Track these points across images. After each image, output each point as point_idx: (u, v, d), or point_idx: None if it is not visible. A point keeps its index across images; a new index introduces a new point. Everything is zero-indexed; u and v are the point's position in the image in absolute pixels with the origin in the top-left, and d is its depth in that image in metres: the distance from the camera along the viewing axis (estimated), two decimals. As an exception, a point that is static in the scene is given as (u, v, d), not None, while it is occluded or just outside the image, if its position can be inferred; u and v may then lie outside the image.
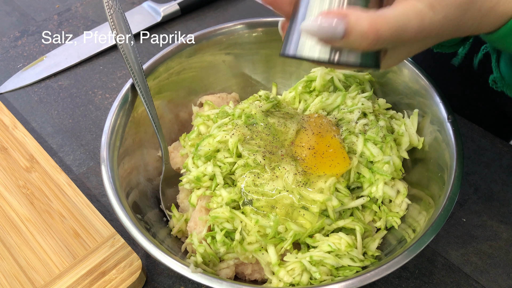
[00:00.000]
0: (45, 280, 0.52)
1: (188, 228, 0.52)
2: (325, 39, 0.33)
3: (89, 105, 0.74)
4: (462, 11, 0.34)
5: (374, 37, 0.32)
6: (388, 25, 0.32)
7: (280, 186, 0.48)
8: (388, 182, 0.52)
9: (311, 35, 0.34)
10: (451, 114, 0.51)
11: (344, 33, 0.32)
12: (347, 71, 0.60)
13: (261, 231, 0.48)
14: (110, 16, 0.52)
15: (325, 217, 0.49)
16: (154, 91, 0.58)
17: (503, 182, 0.60)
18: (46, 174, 0.62)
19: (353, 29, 0.32)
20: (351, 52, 0.35)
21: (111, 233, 0.56)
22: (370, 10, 0.34)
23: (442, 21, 0.33)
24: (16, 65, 0.81)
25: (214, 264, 0.49)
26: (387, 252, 0.49)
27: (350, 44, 0.33)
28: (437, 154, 0.51)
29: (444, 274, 0.53)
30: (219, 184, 0.52)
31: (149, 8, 0.88)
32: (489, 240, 0.55)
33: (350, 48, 0.34)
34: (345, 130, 0.53)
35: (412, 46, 0.38)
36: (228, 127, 0.55)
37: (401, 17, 0.32)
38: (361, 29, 0.32)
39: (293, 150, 0.52)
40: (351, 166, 0.51)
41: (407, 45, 0.37)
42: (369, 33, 0.32)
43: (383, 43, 0.33)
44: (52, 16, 0.91)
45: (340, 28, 0.32)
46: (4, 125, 0.69)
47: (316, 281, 0.46)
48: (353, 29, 0.32)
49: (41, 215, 0.58)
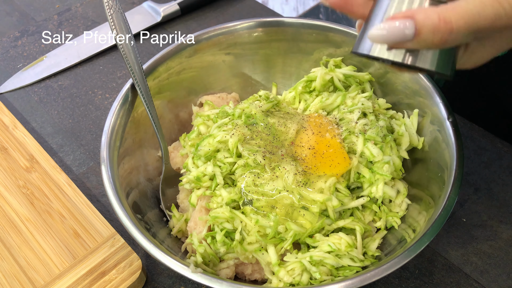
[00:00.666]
0: (45, 280, 0.52)
1: (188, 228, 0.52)
2: (396, 43, 0.32)
3: (89, 105, 0.74)
4: None
5: (446, 28, 0.30)
6: (460, 14, 0.30)
7: (280, 186, 0.48)
8: (388, 182, 0.52)
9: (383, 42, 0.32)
10: (451, 114, 0.51)
11: (414, 32, 0.31)
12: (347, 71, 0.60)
13: (261, 231, 0.48)
14: (110, 16, 0.52)
15: (325, 217, 0.49)
16: (154, 91, 0.58)
17: (503, 182, 0.60)
18: (46, 174, 0.62)
19: (423, 26, 0.30)
20: (426, 55, 0.33)
21: (111, 233, 0.56)
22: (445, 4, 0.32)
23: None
24: (16, 65, 0.81)
25: (214, 264, 0.49)
26: (387, 252, 0.49)
27: (423, 42, 0.31)
28: (437, 154, 0.51)
29: (444, 274, 0.53)
30: (219, 184, 0.52)
31: (149, 8, 0.88)
32: (489, 240, 0.55)
33: (424, 46, 0.32)
34: (345, 130, 0.53)
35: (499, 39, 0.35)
36: (228, 127, 0.55)
37: (474, 5, 0.30)
38: (431, 23, 0.30)
39: (293, 150, 0.52)
40: (351, 166, 0.51)
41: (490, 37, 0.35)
42: (441, 26, 0.30)
43: (457, 34, 0.31)
44: (52, 16, 0.91)
45: (410, 28, 0.31)
46: (4, 125, 0.69)
47: (316, 281, 0.46)
48: (423, 25, 0.30)
49: (41, 215, 0.58)
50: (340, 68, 0.61)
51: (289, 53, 0.65)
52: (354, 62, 0.61)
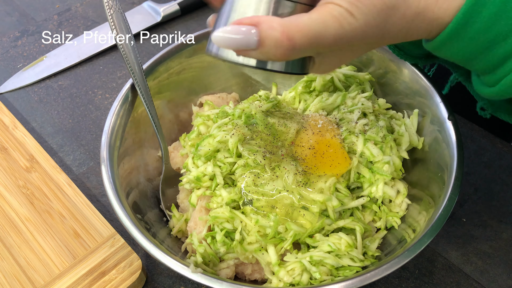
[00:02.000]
0: (45, 280, 0.52)
1: (188, 228, 0.52)
2: (239, 50, 0.31)
3: (89, 105, 0.74)
4: (383, 17, 0.32)
5: (288, 45, 0.30)
6: (303, 32, 0.30)
7: (280, 186, 0.48)
8: (388, 182, 0.52)
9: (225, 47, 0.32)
10: (451, 114, 0.51)
11: (257, 43, 0.30)
12: (347, 71, 0.60)
13: (261, 231, 0.48)
14: (110, 16, 0.52)
15: (325, 217, 0.49)
16: (154, 91, 0.58)
17: (503, 182, 0.60)
18: (46, 174, 0.62)
19: (265, 39, 0.30)
20: None
21: (111, 233, 0.56)
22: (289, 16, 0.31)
23: (364, 28, 0.31)
24: (16, 65, 0.81)
25: (214, 264, 0.49)
26: (387, 252, 0.49)
27: (265, 54, 0.31)
28: (437, 154, 0.51)
29: (444, 274, 0.53)
30: (219, 184, 0.52)
31: (149, 8, 0.88)
32: (489, 240, 0.55)
33: (267, 58, 0.32)
34: (345, 130, 0.53)
35: (341, 53, 0.36)
36: (228, 127, 0.55)
37: (317, 23, 0.30)
38: (273, 38, 0.30)
39: (293, 150, 0.52)
40: (351, 166, 0.51)
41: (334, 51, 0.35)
42: (283, 41, 0.30)
43: (300, 51, 0.31)
44: (52, 16, 0.91)
45: (253, 39, 0.30)
46: (4, 125, 0.69)
47: (316, 281, 0.46)
48: (266, 38, 0.30)
49: (41, 215, 0.58)
50: (340, 68, 0.61)
51: (289, 53, 0.65)
52: (354, 62, 0.61)
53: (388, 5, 0.31)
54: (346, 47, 0.34)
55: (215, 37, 0.31)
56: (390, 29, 0.33)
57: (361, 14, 0.31)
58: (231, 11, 0.34)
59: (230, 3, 0.34)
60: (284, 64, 0.34)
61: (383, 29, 0.32)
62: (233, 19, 0.33)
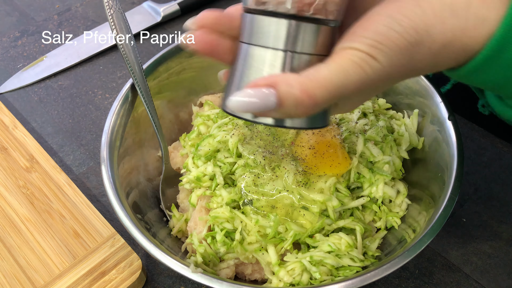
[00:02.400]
0: (45, 280, 0.52)
1: (188, 228, 0.52)
2: (258, 113, 0.30)
3: (89, 105, 0.74)
4: (408, 55, 0.29)
5: (309, 103, 0.29)
6: (323, 87, 0.29)
7: (280, 186, 0.48)
8: (388, 182, 0.52)
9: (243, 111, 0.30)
10: (451, 114, 0.51)
11: (277, 104, 0.29)
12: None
13: (261, 231, 0.48)
14: (110, 16, 0.52)
15: (325, 217, 0.49)
16: (154, 91, 0.58)
17: (503, 182, 0.60)
18: (46, 174, 0.62)
19: (284, 99, 0.29)
20: None
21: (111, 233, 0.56)
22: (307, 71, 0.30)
23: (388, 69, 0.29)
24: (16, 65, 0.81)
25: (214, 264, 0.49)
26: (387, 252, 0.49)
27: (286, 113, 0.30)
28: (437, 154, 0.51)
29: (444, 274, 0.53)
30: (219, 184, 0.52)
31: (149, 8, 0.88)
32: (489, 240, 0.55)
33: (288, 117, 0.31)
34: (345, 130, 0.53)
35: (364, 93, 0.34)
36: (228, 127, 0.55)
37: (338, 74, 0.29)
38: (293, 97, 0.28)
39: (293, 150, 0.52)
40: (351, 166, 0.51)
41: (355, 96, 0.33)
42: (304, 100, 0.28)
43: (322, 105, 0.29)
44: (52, 16, 0.91)
45: (271, 100, 0.29)
46: (4, 125, 0.69)
47: (316, 281, 0.46)
48: (284, 99, 0.29)
49: (41, 215, 0.58)
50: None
51: (289, 53, 0.65)
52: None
53: (412, 42, 0.29)
54: (369, 89, 0.32)
55: (232, 103, 0.30)
56: (416, 65, 0.31)
57: (384, 57, 0.29)
58: (245, 68, 0.32)
59: (243, 59, 0.32)
60: (305, 120, 0.32)
61: (409, 67, 0.31)
62: (247, 77, 0.32)
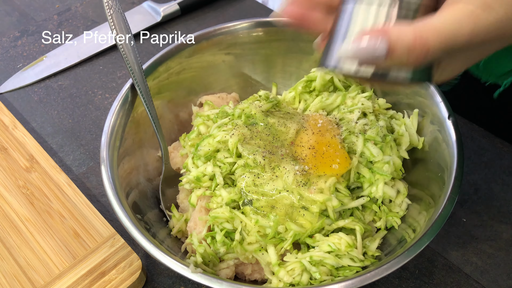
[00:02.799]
0: (45, 280, 0.52)
1: (188, 228, 0.52)
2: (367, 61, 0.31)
3: (89, 105, 0.74)
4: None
5: (422, 49, 0.29)
6: (437, 34, 0.29)
7: (280, 186, 0.48)
8: (388, 182, 0.52)
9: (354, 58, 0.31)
10: (451, 114, 0.51)
11: (387, 51, 0.29)
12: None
13: (261, 231, 0.48)
14: (110, 16, 0.52)
15: (325, 217, 0.49)
16: (154, 91, 0.58)
17: (503, 182, 0.60)
18: (46, 174, 0.62)
19: (396, 45, 0.29)
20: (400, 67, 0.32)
21: (111, 233, 0.56)
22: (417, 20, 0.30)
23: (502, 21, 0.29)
24: (16, 65, 0.81)
25: (214, 264, 0.49)
26: (387, 252, 0.49)
27: (397, 62, 0.30)
28: (437, 154, 0.51)
29: (444, 274, 0.53)
30: (219, 184, 0.52)
31: (149, 8, 0.88)
32: (489, 240, 0.55)
33: (397, 65, 0.31)
34: (345, 130, 0.53)
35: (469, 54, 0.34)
36: (228, 127, 0.55)
37: (451, 23, 0.29)
38: (405, 43, 0.29)
39: (293, 150, 0.52)
40: (351, 166, 0.51)
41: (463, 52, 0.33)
42: (416, 46, 0.29)
43: (433, 54, 0.30)
44: (52, 16, 0.91)
45: (382, 47, 0.29)
46: (4, 125, 0.69)
47: (316, 281, 0.46)
48: (396, 45, 0.29)
49: (41, 215, 0.58)
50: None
51: (289, 53, 0.65)
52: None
53: None
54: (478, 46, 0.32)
55: (343, 50, 0.31)
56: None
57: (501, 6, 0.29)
58: (350, 24, 0.33)
59: (347, 18, 0.33)
60: (411, 73, 0.32)
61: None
62: (353, 31, 0.32)
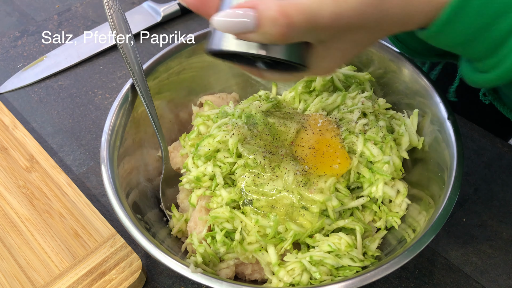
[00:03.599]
0: (45, 280, 0.52)
1: (188, 228, 0.52)
2: (239, 32, 0.32)
3: (89, 105, 0.74)
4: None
5: (285, 22, 0.31)
6: (300, 10, 0.31)
7: (280, 186, 0.48)
8: (388, 182, 0.52)
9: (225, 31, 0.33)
10: (451, 114, 0.51)
11: (255, 23, 0.31)
12: (347, 71, 0.60)
13: (261, 231, 0.48)
14: (110, 16, 0.52)
15: (325, 217, 0.49)
16: (154, 91, 0.58)
17: (503, 182, 0.60)
18: (46, 174, 0.62)
19: (262, 17, 0.31)
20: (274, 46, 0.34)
21: (111, 233, 0.56)
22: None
23: (360, 6, 0.32)
24: (16, 65, 0.81)
25: (214, 264, 0.49)
26: (387, 252, 0.49)
27: (265, 34, 0.32)
28: (437, 154, 0.51)
29: (444, 274, 0.53)
30: (219, 184, 0.52)
31: (149, 8, 0.88)
32: (489, 240, 0.55)
33: (267, 39, 0.33)
34: (345, 130, 0.53)
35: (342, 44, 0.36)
36: (228, 127, 0.55)
37: (314, 2, 0.31)
38: (271, 15, 0.31)
39: (293, 150, 0.52)
40: (351, 166, 0.51)
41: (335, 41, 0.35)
42: (280, 18, 0.31)
43: (297, 29, 0.32)
44: (52, 16, 0.91)
45: (251, 18, 0.31)
46: (4, 125, 0.69)
47: (316, 281, 0.46)
48: (262, 17, 0.31)
49: (41, 215, 0.58)
50: (340, 68, 0.61)
51: (289, 53, 0.65)
52: (354, 62, 0.61)
53: None
54: (346, 33, 0.34)
55: (215, 21, 0.32)
56: (388, 10, 0.32)
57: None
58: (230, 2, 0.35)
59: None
60: (284, 50, 0.35)
61: (381, 9, 0.32)
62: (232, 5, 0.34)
